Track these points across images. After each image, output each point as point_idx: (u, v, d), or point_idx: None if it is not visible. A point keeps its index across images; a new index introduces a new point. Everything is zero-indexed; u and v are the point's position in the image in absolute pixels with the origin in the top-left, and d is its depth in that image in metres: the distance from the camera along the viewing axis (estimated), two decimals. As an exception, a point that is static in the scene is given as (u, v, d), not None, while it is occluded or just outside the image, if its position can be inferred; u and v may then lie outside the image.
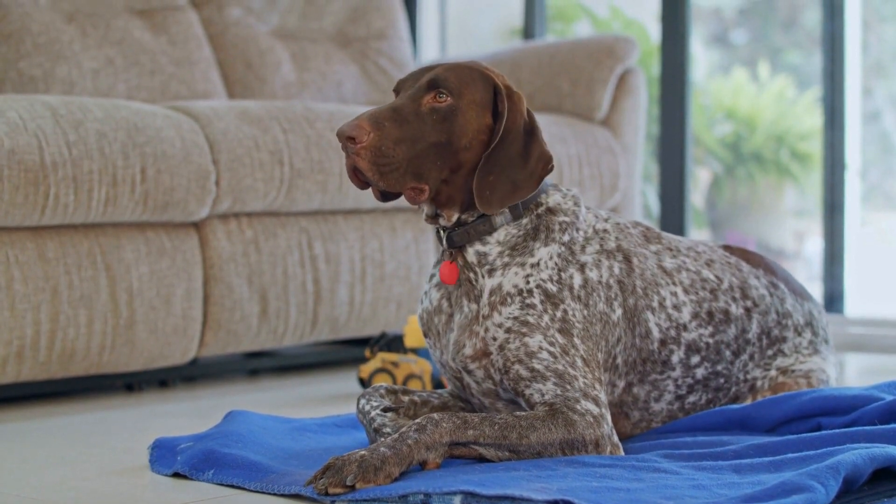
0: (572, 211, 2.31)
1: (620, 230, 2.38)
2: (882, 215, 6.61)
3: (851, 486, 1.91)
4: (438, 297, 2.32)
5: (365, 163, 2.12)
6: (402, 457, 1.99)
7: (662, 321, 2.35)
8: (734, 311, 2.45)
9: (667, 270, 2.40)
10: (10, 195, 2.91)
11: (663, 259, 2.41)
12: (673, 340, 2.36)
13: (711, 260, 2.49)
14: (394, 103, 2.18)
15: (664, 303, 2.36)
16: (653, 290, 2.35)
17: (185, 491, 2.11)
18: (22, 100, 3.04)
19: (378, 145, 2.12)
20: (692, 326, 2.39)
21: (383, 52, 4.65)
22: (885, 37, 6.51)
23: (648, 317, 2.33)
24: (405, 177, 2.15)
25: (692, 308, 2.39)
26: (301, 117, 3.54)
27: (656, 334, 2.34)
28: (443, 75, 2.19)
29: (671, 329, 2.36)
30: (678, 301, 2.38)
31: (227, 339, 3.40)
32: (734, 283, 2.48)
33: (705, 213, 7.14)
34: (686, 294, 2.40)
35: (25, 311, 2.97)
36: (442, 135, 2.17)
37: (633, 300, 2.32)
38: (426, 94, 2.19)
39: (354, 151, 2.12)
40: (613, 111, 4.38)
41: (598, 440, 2.13)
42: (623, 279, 2.31)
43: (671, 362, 2.37)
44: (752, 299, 2.49)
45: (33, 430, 2.79)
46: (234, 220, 3.41)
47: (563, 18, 7.04)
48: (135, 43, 3.93)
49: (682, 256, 2.44)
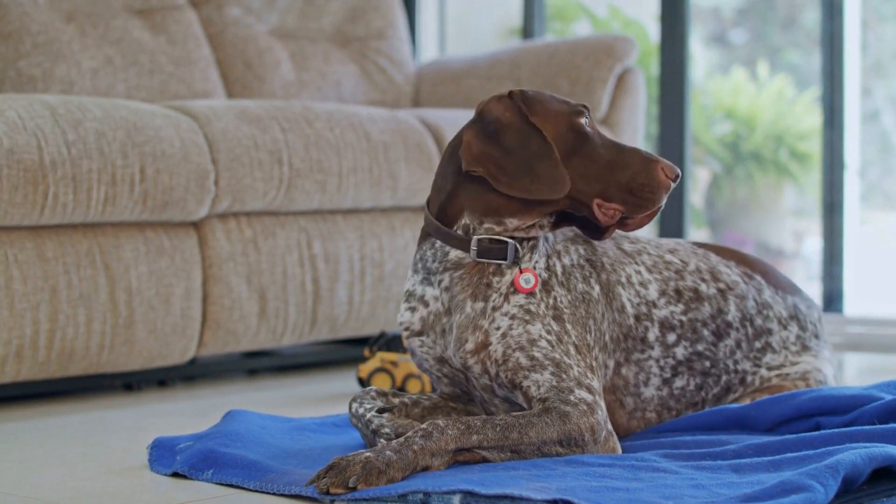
0: None
1: None
2: (881, 215, 6.61)
3: (851, 485, 1.91)
4: (449, 299, 2.31)
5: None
6: (406, 462, 1.99)
7: (633, 297, 2.40)
8: (705, 289, 2.48)
9: (627, 252, 2.45)
10: (9, 194, 2.91)
11: (621, 243, 2.47)
12: (645, 317, 2.40)
13: (675, 249, 2.54)
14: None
15: (630, 279, 2.42)
16: (619, 267, 2.41)
17: (184, 490, 2.11)
18: (21, 99, 3.04)
19: None
20: (661, 303, 2.43)
21: (382, 51, 4.64)
22: (884, 36, 6.51)
23: (621, 292, 2.39)
24: None
25: (658, 286, 2.44)
26: (300, 117, 3.54)
27: (630, 310, 2.39)
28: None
29: (642, 305, 2.41)
30: (643, 279, 2.43)
31: (227, 339, 3.39)
32: (702, 267, 2.52)
33: (704, 213, 7.14)
34: (650, 273, 2.45)
35: (24, 310, 2.97)
36: None
37: (604, 275, 2.37)
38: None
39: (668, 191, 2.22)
40: (612, 110, 4.38)
41: (594, 426, 2.14)
42: (591, 258, 2.37)
43: (648, 339, 2.40)
44: (724, 282, 2.52)
45: (32, 429, 2.79)
46: (234, 219, 3.41)
47: (562, 18, 7.04)
48: (134, 42, 3.93)
49: (642, 244, 2.50)
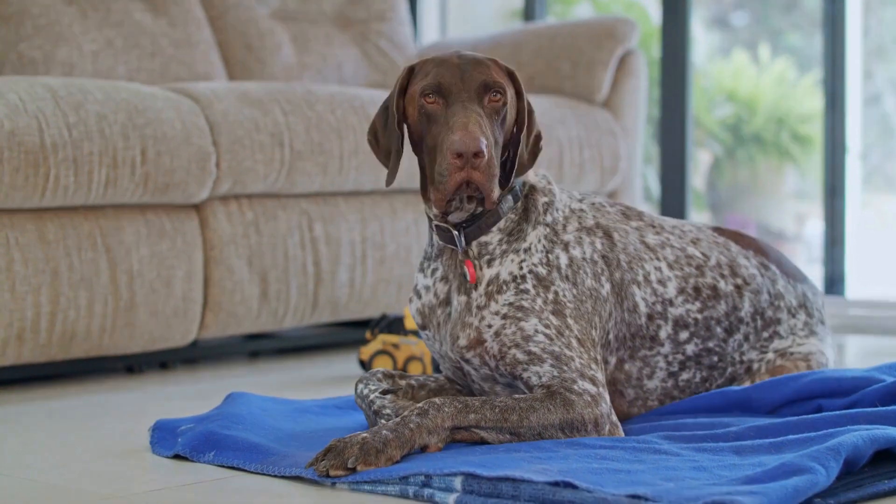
0: (549, 189, 2.33)
1: (597, 209, 2.39)
2: (882, 198, 6.61)
3: (852, 467, 1.91)
4: (446, 291, 2.32)
5: (483, 175, 2.11)
6: (404, 440, 1.99)
7: (648, 296, 2.35)
8: (723, 287, 2.45)
9: (650, 246, 2.40)
10: (11, 177, 2.90)
11: (645, 235, 2.41)
12: (660, 315, 2.36)
13: (698, 239, 2.48)
14: (470, 109, 2.14)
15: (648, 277, 2.36)
16: (637, 265, 2.36)
17: (185, 472, 2.11)
18: (22, 81, 3.04)
19: (492, 155, 2.13)
20: (678, 302, 2.38)
21: (384, 34, 4.63)
22: (885, 19, 6.49)
23: (635, 291, 2.34)
24: (494, 180, 2.16)
25: (677, 283, 2.39)
26: (301, 99, 3.53)
27: (643, 309, 2.35)
28: (491, 76, 2.18)
29: (657, 304, 2.36)
30: (663, 276, 2.38)
31: (228, 321, 3.40)
32: (722, 260, 2.47)
33: (706, 196, 7.14)
34: (671, 270, 2.40)
35: (26, 293, 2.97)
36: (501, 133, 2.20)
37: (619, 274, 2.33)
38: (484, 95, 2.18)
39: (476, 165, 2.11)
40: (614, 93, 4.37)
41: (598, 419, 2.13)
42: (607, 254, 2.33)
43: (659, 338, 2.37)
44: (742, 277, 2.48)
45: (33, 412, 2.79)
46: (235, 201, 3.41)
47: (563, 0, 7.03)
48: (135, 25, 3.92)
49: (666, 234, 2.45)
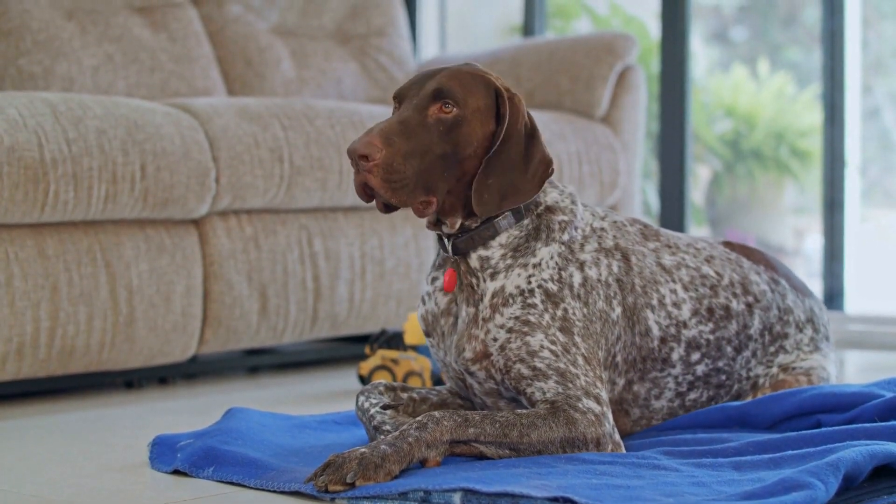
0: (570, 209, 2.30)
1: (618, 228, 2.37)
2: (882, 212, 6.61)
3: (851, 483, 1.91)
4: (447, 301, 2.31)
5: (377, 180, 2.09)
6: (402, 454, 1.98)
7: (662, 319, 2.34)
8: (735, 307, 2.44)
9: (666, 268, 2.38)
10: (10, 192, 2.91)
11: (662, 256, 2.40)
12: (673, 338, 2.35)
13: (711, 256, 2.47)
14: (401, 116, 2.14)
15: (664, 300, 2.35)
16: (652, 288, 2.34)
17: (184, 488, 2.11)
18: (21, 97, 3.04)
19: (389, 162, 2.09)
20: (692, 323, 2.38)
21: (383, 49, 4.64)
22: (884, 34, 6.50)
23: (648, 315, 2.33)
24: (415, 191, 2.12)
25: (692, 305, 2.38)
26: (301, 114, 3.53)
27: (656, 332, 2.33)
28: (447, 84, 2.16)
29: (671, 327, 2.35)
30: (678, 298, 2.37)
31: (227, 337, 3.39)
32: (735, 278, 2.47)
33: (705, 211, 7.14)
34: (686, 291, 2.38)
35: (25, 308, 2.97)
36: (448, 146, 2.15)
37: (632, 298, 2.31)
38: (431, 104, 2.15)
39: (366, 169, 2.08)
40: (613, 108, 4.38)
41: (600, 438, 2.12)
42: (622, 277, 2.30)
43: (671, 360, 2.36)
44: (753, 295, 2.47)
45: (33, 427, 2.79)
46: (234, 217, 3.41)
47: (562, 15, 7.04)
48: (134, 40, 3.93)
49: (682, 253, 2.43)
